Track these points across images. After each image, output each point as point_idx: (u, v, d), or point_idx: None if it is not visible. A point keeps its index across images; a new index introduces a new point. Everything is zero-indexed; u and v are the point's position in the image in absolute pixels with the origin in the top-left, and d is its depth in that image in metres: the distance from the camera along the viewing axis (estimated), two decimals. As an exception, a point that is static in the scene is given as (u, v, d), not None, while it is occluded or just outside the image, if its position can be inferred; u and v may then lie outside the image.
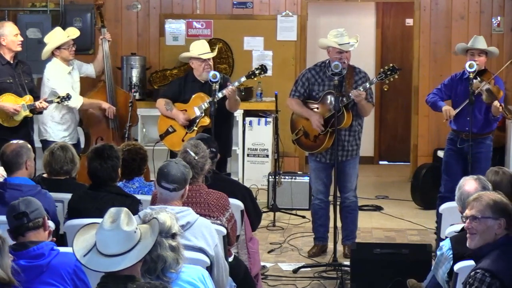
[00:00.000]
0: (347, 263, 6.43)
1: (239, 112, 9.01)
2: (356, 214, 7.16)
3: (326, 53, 6.98)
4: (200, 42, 7.45)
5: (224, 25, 9.98)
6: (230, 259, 4.98)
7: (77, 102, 7.54)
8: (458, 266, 4.22)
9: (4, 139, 6.48)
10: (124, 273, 3.33)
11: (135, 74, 9.66)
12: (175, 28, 10.05)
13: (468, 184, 4.58)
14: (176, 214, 3.88)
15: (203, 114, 7.20)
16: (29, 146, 5.33)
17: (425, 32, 9.94)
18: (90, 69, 7.94)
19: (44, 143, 7.43)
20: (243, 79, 7.13)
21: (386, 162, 11.63)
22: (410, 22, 10.92)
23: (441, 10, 9.89)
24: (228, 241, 4.85)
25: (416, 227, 8.07)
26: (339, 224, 6.90)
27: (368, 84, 6.78)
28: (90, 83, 8.61)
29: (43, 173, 5.61)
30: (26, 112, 7.10)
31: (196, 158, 4.90)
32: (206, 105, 7.13)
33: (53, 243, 3.95)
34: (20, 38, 7.34)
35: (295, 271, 6.72)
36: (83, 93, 7.81)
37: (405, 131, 11.00)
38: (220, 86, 6.90)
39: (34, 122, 7.53)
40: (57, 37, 7.51)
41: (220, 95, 6.92)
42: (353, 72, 6.91)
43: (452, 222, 5.00)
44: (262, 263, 6.47)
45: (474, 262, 4.02)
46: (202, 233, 4.31)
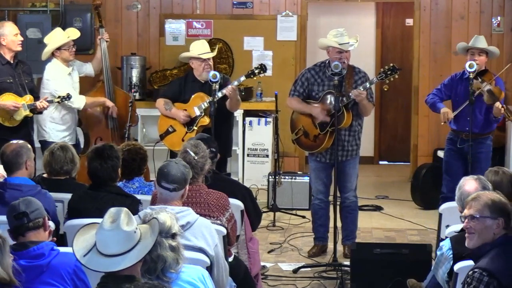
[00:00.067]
0: (347, 263, 6.43)
1: (239, 112, 9.01)
2: (356, 214, 7.16)
3: (326, 53, 6.99)
4: (200, 42, 7.45)
5: (224, 25, 9.98)
6: (230, 259, 4.98)
7: (80, 102, 7.54)
8: (458, 266, 4.21)
9: (4, 139, 6.48)
10: (124, 273, 3.32)
11: (135, 74, 9.67)
12: (175, 28, 10.05)
13: (468, 184, 4.58)
14: (176, 214, 3.88)
15: (203, 114, 7.20)
16: (29, 146, 5.33)
17: (425, 32, 9.94)
18: (89, 68, 7.95)
19: (43, 143, 7.42)
20: (243, 78, 7.13)
21: (386, 162, 11.63)
22: (410, 22, 10.92)
23: (441, 10, 9.88)
24: (228, 241, 4.85)
25: (416, 227, 8.07)
26: (339, 224, 6.90)
27: (368, 84, 6.77)
28: (89, 83, 8.60)
29: (43, 173, 5.61)
30: (26, 112, 7.10)
31: (196, 158, 4.90)
32: (205, 104, 7.13)
33: (53, 243, 3.95)
34: (20, 38, 7.34)
35: (295, 271, 6.71)
36: (82, 93, 7.80)
37: (405, 131, 11.00)
38: (220, 86, 6.91)
39: (34, 122, 7.53)
40: (57, 37, 7.51)
41: (219, 94, 6.92)
42: (352, 72, 6.91)
43: (452, 222, 5.00)
44: (262, 263, 6.47)
45: (473, 261, 4.02)
46: (202, 233, 4.31)
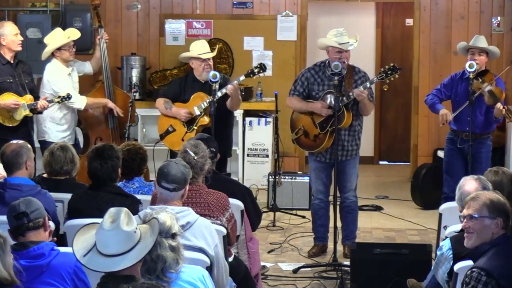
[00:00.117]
0: (347, 263, 6.43)
1: (239, 112, 9.01)
2: (356, 214, 7.16)
3: (326, 53, 6.99)
4: (200, 42, 7.45)
5: (224, 25, 9.98)
6: (230, 259, 4.97)
7: (81, 102, 7.53)
8: (458, 266, 4.21)
9: (4, 139, 6.48)
10: (124, 273, 3.32)
11: (135, 74, 9.67)
12: (175, 28, 10.05)
13: (469, 184, 4.58)
14: (176, 214, 3.88)
15: (202, 113, 7.20)
16: (29, 146, 5.32)
17: (425, 32, 9.94)
18: (88, 67, 7.95)
19: (43, 143, 7.42)
20: (242, 78, 7.13)
21: (386, 162, 11.63)
22: (410, 22, 10.91)
23: (441, 10, 9.88)
24: (228, 241, 4.85)
25: (416, 227, 8.07)
26: (339, 224, 6.89)
27: (368, 84, 6.77)
28: (89, 83, 8.60)
29: (43, 173, 5.61)
30: (26, 112, 7.10)
31: (196, 158, 4.90)
32: (205, 104, 7.13)
33: (53, 243, 3.95)
34: (20, 38, 7.34)
35: (295, 271, 6.71)
36: (81, 93, 7.80)
37: (405, 131, 11.00)
38: (220, 86, 6.91)
39: (34, 122, 7.52)
40: (57, 38, 7.50)
41: (219, 94, 6.91)
42: (352, 72, 6.91)
43: (452, 222, 5.00)
44: (262, 263, 6.47)
45: (472, 261, 4.02)
46: (202, 233, 4.31)
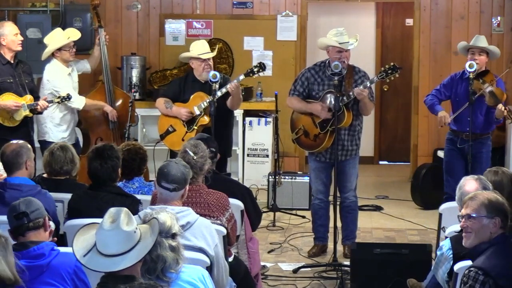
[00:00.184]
0: (347, 263, 6.43)
1: (239, 112, 9.01)
2: (356, 214, 7.15)
3: (326, 53, 6.99)
4: (200, 42, 7.45)
5: (224, 25, 9.98)
6: (230, 259, 4.97)
7: (80, 102, 7.53)
8: (458, 266, 4.21)
9: (4, 139, 6.48)
10: (124, 273, 3.32)
11: (135, 74, 9.67)
12: (175, 28, 10.05)
13: (469, 184, 4.58)
14: (176, 214, 3.88)
15: (202, 113, 7.20)
16: (29, 146, 5.32)
17: (425, 32, 9.94)
18: (86, 66, 7.94)
19: (43, 143, 7.42)
20: (242, 77, 7.13)
21: (386, 162, 11.63)
22: (410, 22, 10.91)
23: (441, 10, 9.88)
24: (228, 241, 4.85)
25: (416, 227, 8.07)
26: (339, 224, 6.89)
27: (368, 83, 6.77)
28: (89, 83, 8.59)
29: (43, 173, 5.61)
30: (26, 112, 7.09)
31: (195, 158, 4.89)
32: (205, 104, 7.13)
33: (53, 243, 3.94)
34: (20, 38, 7.34)
35: (295, 271, 6.71)
36: (81, 93, 7.81)
37: (405, 131, 11.00)
38: (220, 86, 6.91)
39: (34, 122, 7.52)
40: (57, 38, 7.50)
41: (219, 93, 6.91)
42: (352, 72, 6.91)
43: (452, 222, 4.99)
44: (262, 263, 6.47)
45: (471, 261, 4.02)
46: (202, 233, 4.31)
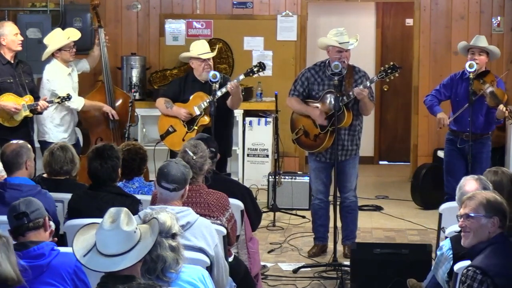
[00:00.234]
0: (347, 263, 6.43)
1: (239, 112, 9.01)
2: (356, 214, 7.15)
3: (326, 53, 6.99)
4: (200, 42, 7.46)
5: (224, 25, 9.98)
6: (230, 259, 4.97)
7: (79, 103, 7.53)
8: (458, 266, 4.21)
9: (4, 139, 6.48)
10: (124, 273, 3.32)
11: (135, 74, 9.67)
12: (175, 28, 10.05)
13: (469, 184, 4.58)
14: (176, 214, 3.88)
15: (202, 113, 7.20)
16: (29, 146, 5.32)
17: (425, 32, 9.94)
18: (85, 65, 7.94)
19: (43, 144, 7.41)
20: (242, 77, 7.13)
21: (386, 162, 11.63)
22: (410, 22, 10.91)
23: (441, 10, 9.88)
24: (228, 241, 4.85)
25: (416, 227, 8.07)
26: (339, 224, 6.89)
27: (368, 83, 6.77)
28: (89, 83, 8.58)
29: (43, 173, 5.61)
30: (26, 112, 7.09)
31: (194, 158, 4.89)
32: (205, 104, 7.13)
33: (53, 243, 3.94)
34: (20, 38, 7.33)
35: (295, 271, 6.71)
36: (81, 93, 7.81)
37: (405, 131, 11.00)
38: (220, 86, 6.91)
39: (34, 122, 7.51)
40: (57, 38, 7.49)
41: (219, 93, 6.92)
42: (352, 72, 6.91)
43: (452, 222, 4.99)
44: (262, 263, 6.47)
45: (470, 260, 4.03)
46: (202, 233, 4.31)
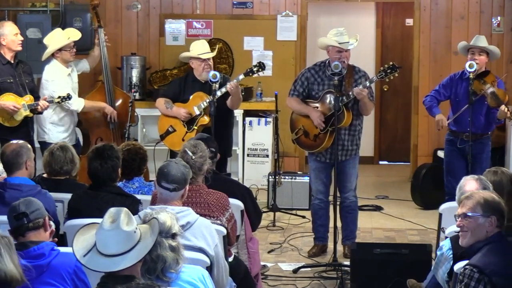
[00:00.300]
0: (347, 263, 6.43)
1: (239, 112, 9.01)
2: (356, 214, 7.16)
3: (326, 53, 6.99)
4: (200, 42, 7.46)
5: (224, 25, 9.98)
6: (230, 259, 4.97)
7: (79, 105, 7.52)
8: (458, 266, 4.21)
9: (4, 139, 6.48)
10: (124, 273, 3.32)
11: (135, 74, 9.67)
12: (175, 28, 10.05)
13: (469, 185, 4.58)
14: (176, 214, 3.88)
15: (202, 113, 7.20)
16: (29, 146, 5.32)
17: (425, 32, 9.94)
18: (85, 65, 7.94)
19: (43, 144, 7.40)
20: (242, 76, 7.13)
21: (386, 162, 11.63)
22: (410, 22, 10.91)
23: (441, 10, 9.88)
24: (228, 241, 4.85)
25: (416, 227, 8.07)
26: (339, 224, 6.89)
27: (368, 83, 6.77)
28: (89, 83, 8.57)
29: (43, 173, 5.61)
30: (27, 112, 7.09)
31: (194, 157, 4.89)
32: (205, 104, 7.13)
33: (53, 243, 3.94)
34: (20, 38, 7.33)
35: (295, 271, 6.71)
36: (81, 93, 7.81)
37: (405, 131, 11.00)
38: (220, 86, 6.91)
39: (34, 122, 7.51)
40: (58, 38, 7.48)
41: (219, 93, 6.92)
42: (352, 71, 6.91)
43: (452, 222, 4.99)
44: (262, 263, 6.47)
45: (468, 259, 4.03)
46: (202, 233, 4.31)
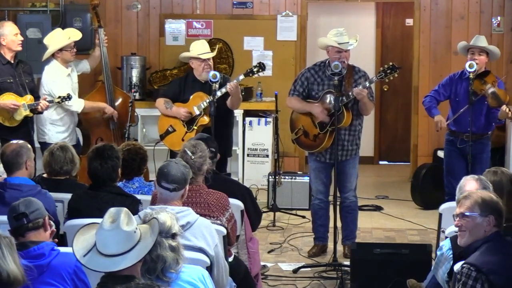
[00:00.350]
0: (347, 263, 6.43)
1: (239, 112, 9.01)
2: (356, 214, 7.16)
3: (326, 53, 6.99)
4: (200, 42, 7.45)
5: (224, 25, 9.98)
6: (230, 259, 4.97)
7: (79, 105, 7.52)
8: (457, 266, 4.21)
9: (4, 139, 6.49)
10: (124, 273, 3.32)
11: (135, 74, 9.67)
12: (175, 28, 10.05)
13: (469, 185, 4.57)
14: (176, 214, 3.88)
15: (202, 113, 7.20)
16: (29, 146, 5.32)
17: (425, 32, 9.94)
18: (86, 66, 7.93)
19: (43, 145, 7.40)
20: (242, 77, 7.13)
21: (386, 162, 11.63)
22: (410, 22, 10.91)
23: (441, 10, 9.88)
24: (228, 241, 4.85)
25: (416, 227, 8.07)
26: (339, 224, 6.89)
27: (367, 83, 6.77)
28: (89, 83, 8.56)
29: (43, 173, 5.61)
30: (27, 112, 7.09)
31: (193, 158, 4.89)
32: (205, 104, 7.13)
33: (53, 243, 3.95)
34: (20, 38, 7.33)
35: (295, 271, 6.71)
36: (81, 93, 7.80)
37: (405, 131, 11.00)
38: (220, 86, 6.91)
39: (34, 123, 7.50)
40: (58, 39, 7.47)
41: (219, 93, 6.92)
42: (352, 72, 6.91)
43: (452, 222, 4.99)
44: (262, 263, 6.47)
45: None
46: (202, 233, 4.31)
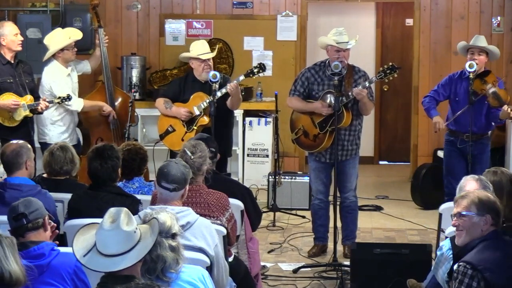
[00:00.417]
0: (347, 263, 6.43)
1: (239, 112, 9.01)
2: (356, 214, 7.16)
3: (326, 53, 6.99)
4: (200, 42, 7.45)
5: (224, 25, 9.98)
6: (230, 259, 4.97)
7: (78, 105, 7.52)
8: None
9: (4, 139, 6.49)
10: (124, 273, 3.32)
11: (135, 74, 9.67)
12: (175, 28, 10.05)
13: (469, 185, 4.57)
14: (176, 214, 3.88)
15: (202, 113, 7.20)
16: (29, 146, 5.32)
17: (425, 32, 9.94)
18: (86, 66, 7.92)
19: (43, 145, 7.39)
20: (242, 77, 7.13)
21: (386, 162, 11.63)
22: (410, 22, 10.91)
23: (441, 10, 9.88)
24: (228, 241, 4.85)
25: (416, 227, 8.07)
26: (339, 224, 6.89)
27: (367, 83, 6.77)
28: (89, 83, 8.56)
29: (43, 173, 5.61)
30: (26, 112, 7.09)
31: (193, 158, 4.89)
32: (205, 104, 7.13)
33: (53, 243, 3.95)
34: (20, 38, 7.33)
35: (295, 271, 6.71)
36: (81, 93, 7.80)
37: (405, 131, 11.00)
38: (220, 86, 6.91)
39: (34, 123, 7.50)
40: (59, 38, 7.46)
41: (219, 94, 6.91)
42: (352, 71, 6.91)
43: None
44: (262, 263, 6.47)
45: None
46: (202, 233, 4.31)
